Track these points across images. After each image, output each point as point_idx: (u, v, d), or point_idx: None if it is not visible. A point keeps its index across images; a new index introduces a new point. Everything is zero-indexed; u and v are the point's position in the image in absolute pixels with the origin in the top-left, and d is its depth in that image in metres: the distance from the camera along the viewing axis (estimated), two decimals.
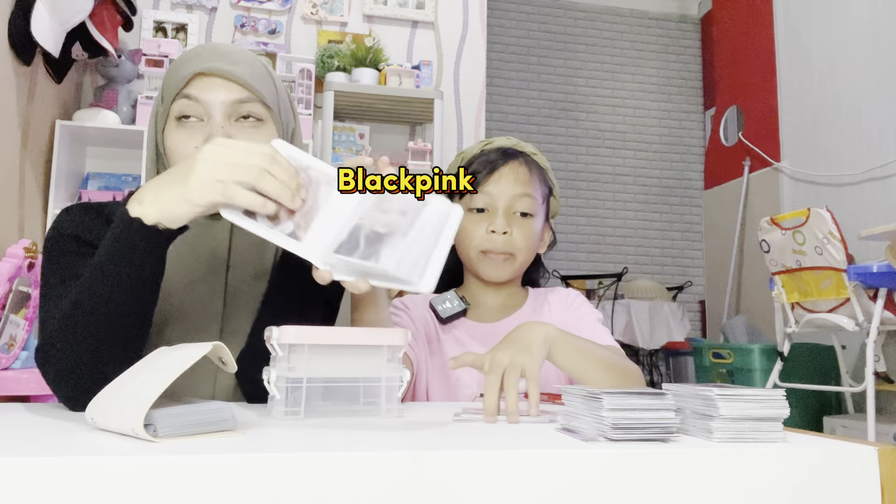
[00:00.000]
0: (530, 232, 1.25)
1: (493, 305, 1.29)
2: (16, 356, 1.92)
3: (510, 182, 1.25)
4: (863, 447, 0.64)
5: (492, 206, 1.24)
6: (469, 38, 3.38)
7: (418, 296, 1.31)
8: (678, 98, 5.28)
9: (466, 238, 1.25)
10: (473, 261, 1.26)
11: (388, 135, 3.28)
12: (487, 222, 1.24)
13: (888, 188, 3.35)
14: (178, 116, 0.95)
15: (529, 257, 1.27)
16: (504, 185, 1.25)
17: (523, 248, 1.25)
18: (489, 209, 1.25)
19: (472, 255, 1.25)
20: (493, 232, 1.22)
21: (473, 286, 1.31)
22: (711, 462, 0.61)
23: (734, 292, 4.43)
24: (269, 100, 0.97)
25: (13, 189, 2.37)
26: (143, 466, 0.50)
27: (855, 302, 2.66)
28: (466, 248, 1.26)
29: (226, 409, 0.64)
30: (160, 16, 3.09)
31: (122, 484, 0.49)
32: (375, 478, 0.53)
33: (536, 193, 1.27)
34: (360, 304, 1.06)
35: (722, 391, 0.66)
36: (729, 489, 0.60)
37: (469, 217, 1.25)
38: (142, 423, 0.57)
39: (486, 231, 1.23)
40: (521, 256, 1.25)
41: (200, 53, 0.97)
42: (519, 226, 1.24)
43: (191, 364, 0.63)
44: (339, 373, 0.77)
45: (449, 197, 1.28)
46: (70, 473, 0.48)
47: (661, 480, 0.59)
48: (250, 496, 0.51)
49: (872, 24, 3.48)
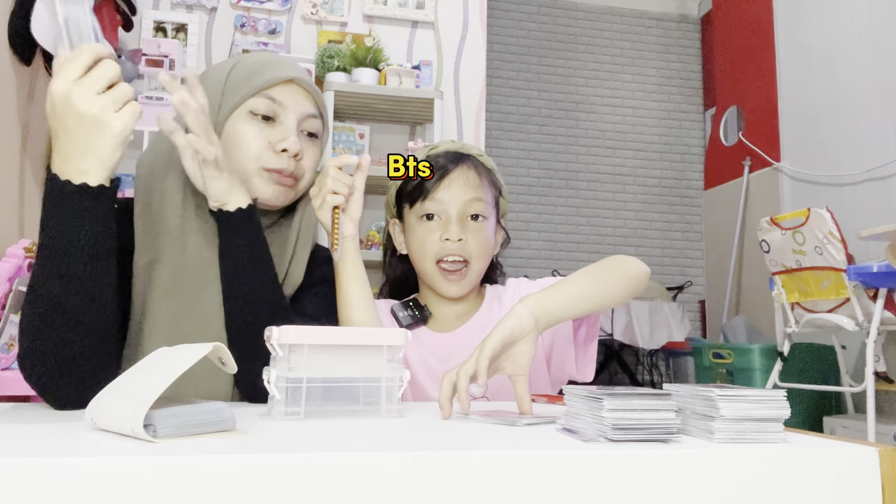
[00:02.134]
0: (484, 237, 1.24)
1: (449, 314, 1.27)
2: (16, 356, 1.92)
3: (461, 187, 1.22)
4: (863, 448, 0.64)
5: (444, 212, 1.22)
6: (469, 38, 3.38)
7: (380, 301, 1.31)
8: (678, 98, 5.28)
9: (421, 247, 1.23)
10: (430, 275, 1.23)
11: (388, 135, 3.28)
12: (441, 230, 1.21)
13: (888, 188, 3.35)
14: (257, 113, 1.00)
15: (485, 263, 1.26)
16: (455, 190, 1.22)
17: (479, 255, 1.23)
18: (441, 216, 1.22)
19: (429, 266, 1.22)
20: (448, 240, 1.20)
21: (430, 296, 1.28)
22: (712, 463, 0.61)
23: (734, 292, 4.43)
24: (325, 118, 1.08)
25: (13, 189, 2.37)
26: (141, 467, 0.50)
27: (855, 302, 2.66)
28: (422, 259, 1.23)
29: (226, 410, 0.63)
30: (160, 16, 3.09)
31: (121, 484, 0.49)
32: (375, 478, 0.53)
33: (487, 196, 1.25)
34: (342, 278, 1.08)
35: (723, 392, 0.66)
36: (730, 490, 0.60)
37: (421, 225, 1.23)
38: (141, 424, 0.57)
39: (440, 239, 1.21)
40: (477, 264, 1.23)
41: (281, 61, 1.05)
42: (472, 232, 1.22)
43: (190, 365, 0.63)
44: (339, 373, 0.77)
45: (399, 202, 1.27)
46: (69, 474, 0.48)
47: (661, 481, 0.59)
48: (250, 496, 0.51)
49: (872, 24, 3.48)
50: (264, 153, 1.00)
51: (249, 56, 1.06)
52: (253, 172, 1.00)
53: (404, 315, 1.25)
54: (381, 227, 3.06)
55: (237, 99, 1.00)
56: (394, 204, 1.31)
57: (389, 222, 1.33)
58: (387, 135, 3.28)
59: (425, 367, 1.23)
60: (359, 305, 1.08)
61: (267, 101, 1.01)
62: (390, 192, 1.32)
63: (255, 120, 1.00)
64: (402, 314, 1.25)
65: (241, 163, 0.99)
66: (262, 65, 1.03)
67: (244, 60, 1.05)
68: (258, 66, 1.03)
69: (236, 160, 0.99)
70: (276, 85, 1.01)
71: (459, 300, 1.27)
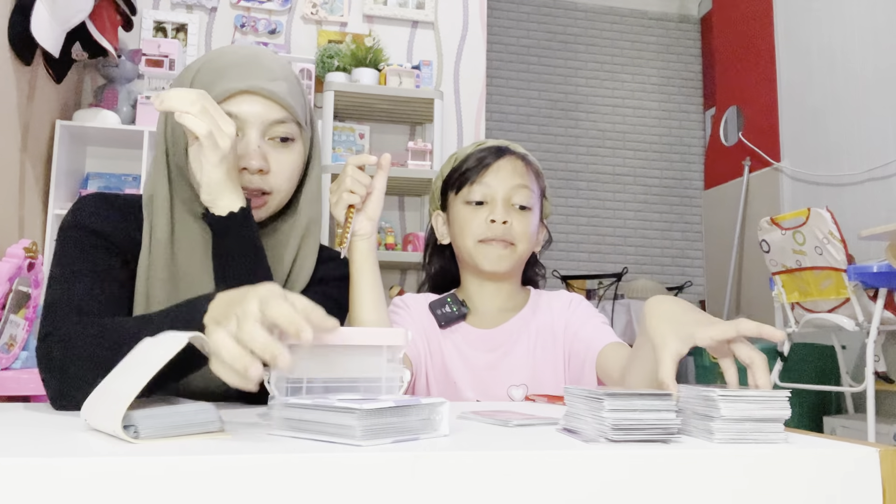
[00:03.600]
0: (528, 223, 1.24)
1: (491, 308, 1.27)
2: (16, 356, 1.92)
3: (508, 173, 1.24)
4: (864, 448, 0.64)
5: (490, 197, 1.23)
6: (469, 38, 3.38)
7: (419, 295, 1.31)
8: (678, 98, 5.28)
9: (465, 228, 1.23)
10: (472, 252, 1.23)
11: (388, 135, 3.28)
12: (486, 213, 1.22)
13: (888, 188, 3.35)
14: None
15: (528, 249, 1.26)
16: (502, 176, 1.23)
17: (523, 238, 1.23)
18: (487, 201, 1.23)
19: (471, 245, 1.23)
20: (493, 221, 1.21)
21: (471, 285, 1.28)
22: (712, 463, 0.61)
23: (734, 292, 4.43)
24: (301, 118, 0.99)
25: (13, 189, 2.37)
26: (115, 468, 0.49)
27: (855, 302, 2.66)
28: (464, 239, 1.24)
29: (211, 410, 0.62)
30: (160, 16, 3.09)
31: (100, 485, 0.48)
32: (375, 478, 0.53)
33: (533, 186, 1.26)
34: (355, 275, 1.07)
35: (723, 392, 0.66)
36: (730, 490, 0.60)
37: (467, 209, 1.24)
38: (120, 424, 0.57)
39: (485, 221, 1.22)
40: (521, 246, 1.23)
41: (241, 64, 0.96)
42: (517, 217, 1.23)
43: (167, 360, 0.61)
44: (339, 373, 0.76)
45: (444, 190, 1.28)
46: (53, 474, 0.48)
47: (661, 482, 0.59)
48: (240, 500, 0.50)
49: (872, 24, 3.48)
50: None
51: (212, 60, 0.99)
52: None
53: (442, 312, 1.24)
54: (382, 228, 3.06)
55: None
56: (439, 196, 1.32)
57: (433, 214, 1.33)
58: (387, 135, 3.28)
59: (464, 362, 1.22)
60: (370, 307, 1.08)
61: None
62: (436, 184, 1.33)
63: None
64: (439, 311, 1.24)
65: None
66: (219, 72, 0.96)
67: (205, 66, 0.98)
68: (214, 76, 0.96)
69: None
70: (233, 97, 0.94)
71: (500, 287, 1.26)
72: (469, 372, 1.21)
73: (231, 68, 0.96)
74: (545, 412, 0.86)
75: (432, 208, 1.34)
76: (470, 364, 1.22)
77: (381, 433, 0.59)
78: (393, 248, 3.02)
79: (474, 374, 1.22)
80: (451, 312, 1.24)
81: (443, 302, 1.25)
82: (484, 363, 1.23)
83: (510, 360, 1.23)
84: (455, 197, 1.27)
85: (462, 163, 1.28)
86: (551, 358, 1.23)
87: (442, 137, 3.08)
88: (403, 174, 2.94)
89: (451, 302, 1.25)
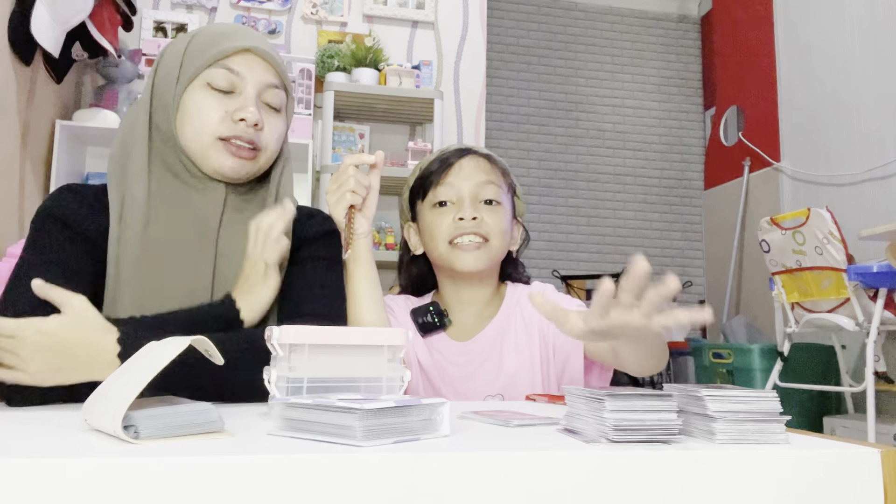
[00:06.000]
0: (499, 218, 1.20)
1: (468, 316, 1.24)
2: None
3: (472, 170, 1.21)
4: (865, 449, 0.64)
5: (456, 196, 1.20)
6: (469, 38, 3.38)
7: (399, 297, 1.29)
8: (678, 98, 5.28)
9: (434, 232, 1.20)
10: (444, 255, 1.20)
11: (388, 135, 3.28)
12: (454, 213, 1.19)
13: (888, 188, 3.35)
14: (215, 86, 0.99)
15: (503, 246, 1.22)
16: (466, 174, 1.20)
17: (496, 233, 1.19)
18: (454, 201, 1.20)
19: (442, 248, 1.19)
20: (461, 219, 1.17)
21: (448, 290, 1.25)
22: (713, 464, 0.61)
23: (734, 292, 4.43)
24: (289, 86, 1.05)
25: (13, 189, 2.37)
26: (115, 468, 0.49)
27: (855, 302, 2.65)
28: (436, 243, 1.20)
29: (211, 410, 0.62)
30: (160, 16, 3.09)
31: (101, 486, 0.48)
32: (376, 479, 0.53)
33: (500, 183, 1.23)
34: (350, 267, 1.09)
35: (724, 392, 0.66)
36: (731, 491, 0.60)
37: (434, 213, 1.21)
38: (120, 424, 0.57)
39: (453, 221, 1.18)
40: (495, 242, 1.19)
41: (239, 30, 1.03)
42: (487, 212, 1.19)
43: (168, 362, 0.62)
44: (339, 373, 0.76)
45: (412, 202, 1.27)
46: (53, 474, 0.48)
47: (662, 482, 0.59)
48: (237, 500, 0.50)
49: (872, 23, 3.48)
50: (221, 123, 0.98)
51: (209, 27, 1.05)
52: (209, 144, 0.98)
53: (423, 321, 1.22)
54: (382, 228, 3.06)
55: (194, 69, 0.99)
56: (408, 207, 1.29)
57: (404, 227, 1.30)
58: (387, 135, 3.28)
59: (441, 375, 1.21)
60: (368, 307, 1.08)
61: (224, 72, 0.99)
62: (404, 196, 1.30)
63: (213, 92, 0.99)
64: (421, 320, 1.22)
65: (197, 135, 0.98)
66: (219, 35, 1.01)
67: (203, 31, 1.03)
68: (216, 37, 1.01)
69: (193, 132, 0.98)
70: (234, 54, 0.99)
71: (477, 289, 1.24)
72: (445, 384, 1.20)
73: (230, 32, 1.02)
74: (546, 412, 0.86)
75: (403, 221, 1.31)
76: (447, 377, 1.21)
77: (382, 433, 0.59)
78: (393, 248, 3.02)
79: (451, 385, 1.20)
80: (433, 323, 1.22)
81: (424, 311, 1.23)
82: (460, 375, 1.21)
83: (485, 371, 1.21)
84: (422, 204, 1.24)
85: (426, 169, 1.25)
86: (528, 358, 1.21)
87: (442, 137, 3.08)
88: (403, 174, 2.94)
89: (432, 311, 1.23)
